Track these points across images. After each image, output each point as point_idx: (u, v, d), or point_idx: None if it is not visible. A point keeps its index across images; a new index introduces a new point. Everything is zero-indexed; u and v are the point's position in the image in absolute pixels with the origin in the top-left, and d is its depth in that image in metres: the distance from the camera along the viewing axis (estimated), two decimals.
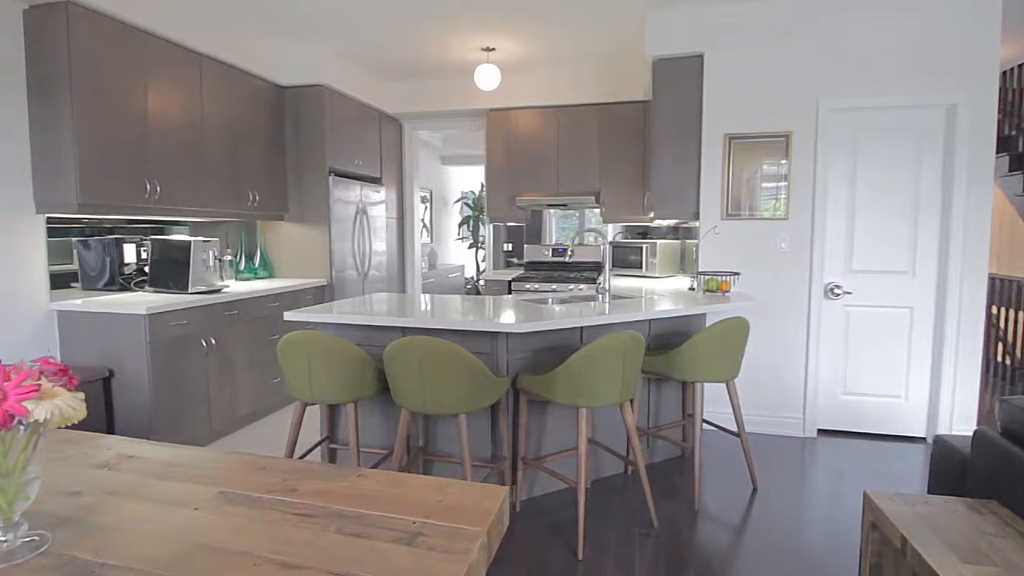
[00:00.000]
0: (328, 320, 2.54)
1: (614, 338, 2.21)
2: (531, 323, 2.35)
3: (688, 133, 3.66)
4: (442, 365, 2.10)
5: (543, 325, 2.37)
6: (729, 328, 2.61)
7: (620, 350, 2.22)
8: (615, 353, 2.21)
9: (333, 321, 2.53)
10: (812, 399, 3.56)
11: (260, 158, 4.17)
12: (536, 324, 2.35)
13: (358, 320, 2.50)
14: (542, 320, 2.40)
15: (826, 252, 3.52)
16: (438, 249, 8.61)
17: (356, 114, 4.83)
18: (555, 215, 7.35)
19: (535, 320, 2.39)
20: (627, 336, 2.22)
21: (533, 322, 2.36)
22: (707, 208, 3.62)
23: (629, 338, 2.23)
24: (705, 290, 3.42)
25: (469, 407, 2.16)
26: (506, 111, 5.12)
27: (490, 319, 2.43)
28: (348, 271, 4.67)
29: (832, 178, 3.48)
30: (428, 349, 2.09)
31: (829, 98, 3.39)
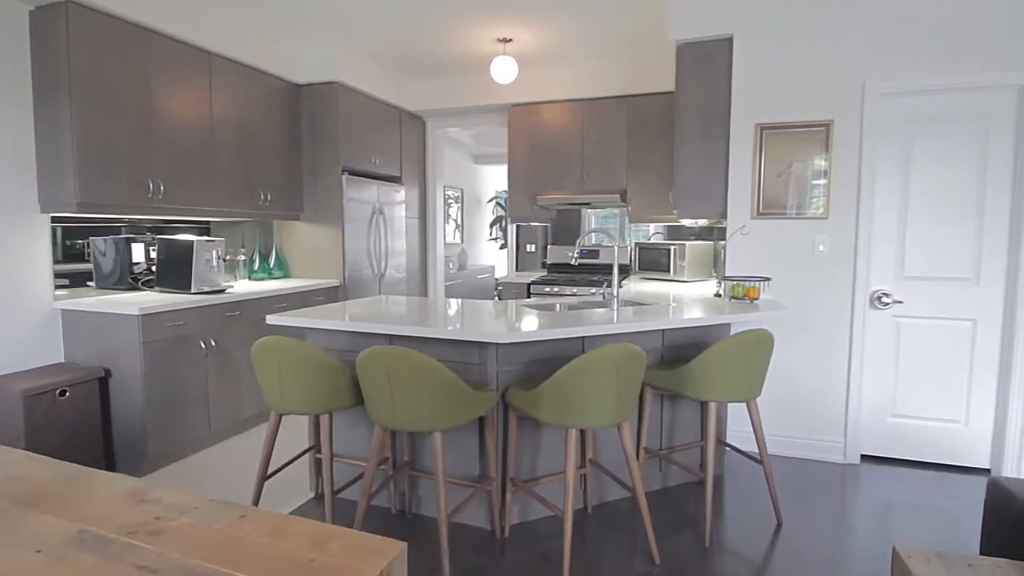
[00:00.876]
0: (306, 324, 2.41)
1: (606, 351, 1.96)
2: (518, 333, 2.13)
3: (716, 124, 3.34)
4: (413, 379, 1.91)
5: (532, 335, 2.15)
6: (749, 341, 2.30)
7: (612, 364, 1.97)
8: (607, 367, 1.97)
9: (311, 326, 2.40)
10: (855, 421, 3.17)
11: (274, 157, 4.12)
12: (523, 334, 2.13)
13: (335, 325, 2.36)
14: (534, 330, 2.18)
15: (873, 256, 3.13)
16: (470, 249, 8.48)
17: (374, 112, 4.74)
18: (593, 214, 7.08)
19: (524, 330, 2.17)
20: (621, 348, 1.97)
21: (520, 332, 2.14)
22: (736, 206, 3.29)
23: (623, 351, 1.98)
24: (731, 297, 3.10)
25: (444, 424, 1.97)
26: (528, 106, 4.91)
27: (477, 328, 2.23)
28: (363, 272, 4.58)
29: (881, 172, 3.08)
30: (397, 361, 1.91)
31: (877, 80, 3.00)
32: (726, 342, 2.29)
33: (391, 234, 4.95)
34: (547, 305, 3.05)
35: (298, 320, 2.43)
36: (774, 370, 3.29)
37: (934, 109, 2.98)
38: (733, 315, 2.62)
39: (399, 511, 2.58)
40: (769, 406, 3.31)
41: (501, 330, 2.17)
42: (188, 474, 2.96)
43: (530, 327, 2.23)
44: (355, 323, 2.33)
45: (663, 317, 2.50)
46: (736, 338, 2.30)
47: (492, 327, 2.23)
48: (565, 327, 2.24)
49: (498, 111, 5.21)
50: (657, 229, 6.76)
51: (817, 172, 3.13)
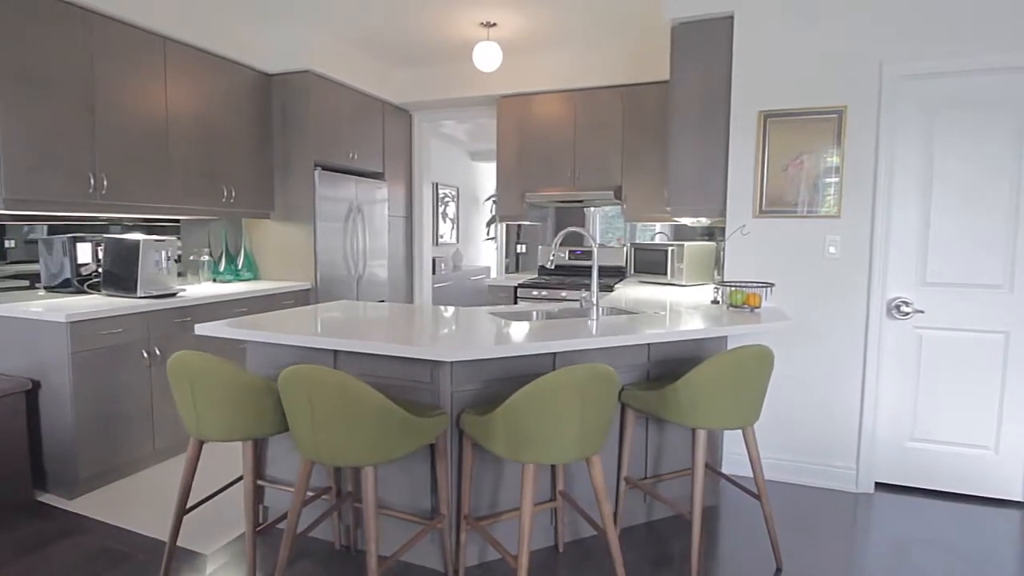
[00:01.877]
0: (234, 336, 2.11)
1: (570, 373, 1.65)
2: (470, 350, 1.82)
3: (714, 112, 3.00)
4: (336, 405, 1.61)
5: (487, 352, 1.84)
6: (744, 359, 1.97)
7: (576, 388, 1.65)
8: (569, 392, 1.65)
9: (240, 337, 2.10)
10: (869, 445, 2.82)
11: (241, 151, 3.85)
12: (477, 351, 1.82)
13: (265, 337, 2.06)
14: (491, 346, 1.87)
15: (890, 259, 2.77)
16: (466, 250, 8.18)
17: (352, 103, 4.45)
18: (598, 213, 6.75)
19: (480, 347, 1.86)
20: (587, 370, 1.65)
21: (474, 349, 1.83)
22: (736, 203, 2.95)
23: (589, 372, 1.66)
24: (729, 304, 2.76)
25: (376, 458, 1.66)
26: (518, 97, 4.59)
27: (426, 342, 1.92)
28: (339, 274, 4.29)
29: (900, 164, 2.73)
30: (318, 383, 1.61)
31: (897, 61, 2.65)
32: (717, 360, 1.96)
33: (371, 233, 4.66)
34: (522, 313, 2.74)
35: (227, 331, 2.14)
36: (777, 387, 2.95)
37: (961, 93, 2.62)
38: (730, 326, 2.29)
39: (344, 547, 2.28)
40: (771, 427, 2.97)
41: (453, 346, 1.86)
42: (124, 498, 2.68)
43: (488, 343, 1.91)
44: (289, 336, 2.03)
45: (648, 328, 2.17)
46: (729, 355, 1.97)
47: (444, 342, 1.92)
48: (529, 342, 1.92)
49: (487, 103, 4.90)
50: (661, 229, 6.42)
51: (828, 165, 2.78)
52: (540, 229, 5.79)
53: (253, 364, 2.33)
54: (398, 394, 2.09)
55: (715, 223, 4.31)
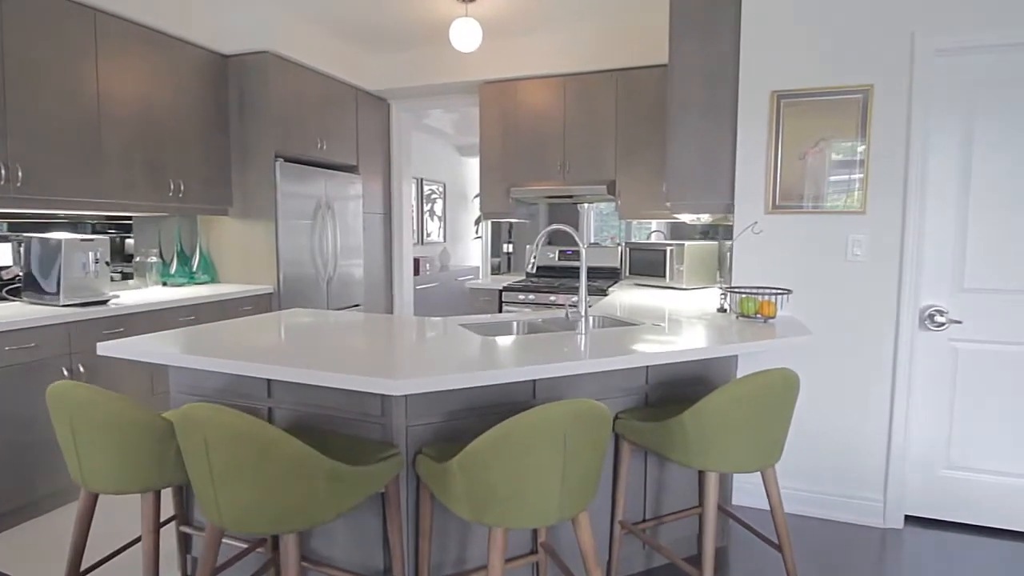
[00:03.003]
0: (139, 358, 1.73)
1: (549, 413, 1.27)
2: (426, 379, 1.44)
3: (720, 94, 2.63)
4: (242, 457, 1.23)
5: (446, 382, 1.46)
6: (766, 387, 1.60)
7: (556, 434, 1.28)
8: (548, 439, 1.28)
9: (148, 360, 1.72)
10: (898, 474, 2.46)
11: (193, 141, 3.45)
12: (433, 381, 1.45)
13: (175, 361, 1.68)
14: (453, 375, 1.49)
15: (924, 262, 2.42)
16: (453, 249, 7.80)
17: (320, 90, 4.06)
18: (594, 209, 6.38)
19: (437, 375, 1.48)
20: (572, 409, 1.28)
21: (430, 379, 1.45)
22: (745, 197, 2.59)
23: (575, 412, 1.29)
24: (739, 314, 2.40)
25: (297, 524, 1.28)
26: (502, 83, 4.21)
27: (374, 367, 1.54)
28: (306, 276, 3.91)
29: (935, 153, 2.37)
30: (216, 428, 1.23)
31: (931, 32, 2.29)
32: (734, 388, 1.60)
33: (343, 232, 4.27)
34: (501, 325, 2.37)
35: (127, 350, 1.75)
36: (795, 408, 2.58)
37: (1011, 71, 2.26)
38: (744, 343, 1.92)
39: None
40: (785, 452, 2.61)
41: (407, 373, 1.48)
42: (40, 539, 2.29)
43: (451, 369, 1.54)
44: (207, 359, 1.65)
45: (647, 346, 1.80)
46: (748, 382, 1.60)
47: (398, 367, 1.55)
48: (503, 368, 1.55)
49: (469, 90, 4.52)
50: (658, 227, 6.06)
51: (852, 153, 2.42)
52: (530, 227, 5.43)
53: (176, 392, 1.94)
54: (344, 429, 1.71)
55: (718, 220, 3.96)
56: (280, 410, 1.79)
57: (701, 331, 2.11)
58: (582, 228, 6.61)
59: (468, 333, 2.03)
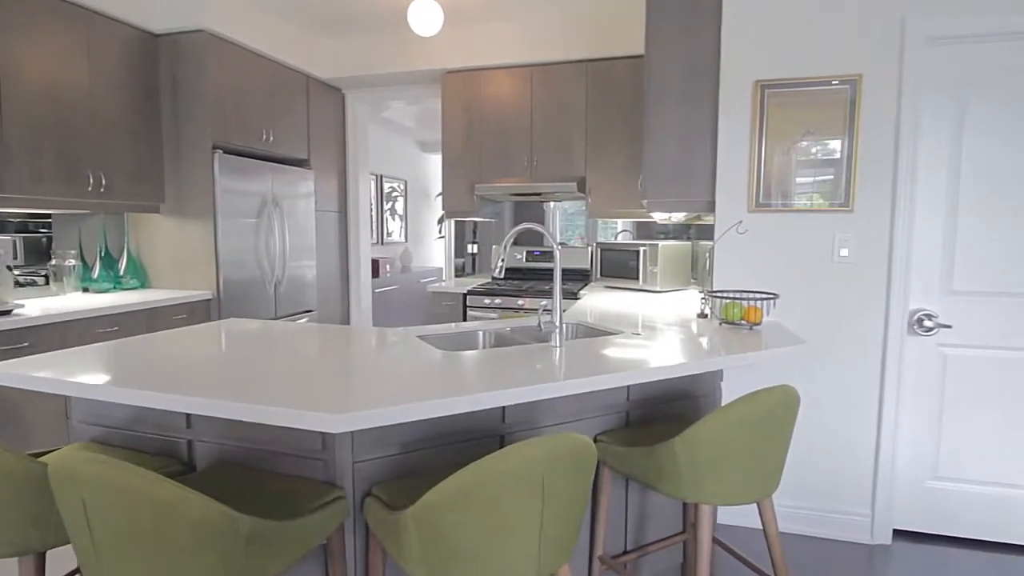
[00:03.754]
0: (24, 385, 1.41)
1: (519, 455, 1.04)
2: (371, 412, 1.19)
3: (700, 85, 2.45)
4: (130, 523, 0.95)
5: (396, 414, 1.21)
6: (766, 411, 1.41)
7: (532, 481, 1.05)
8: (522, 489, 1.04)
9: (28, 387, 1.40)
10: (886, 487, 2.34)
11: (115, 129, 3.07)
12: (380, 413, 1.19)
13: (59, 389, 1.37)
14: (404, 406, 1.24)
15: (913, 263, 2.29)
16: (415, 249, 7.49)
17: (266, 75, 3.72)
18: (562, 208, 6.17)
19: (389, 404, 1.23)
20: (545, 453, 1.05)
21: (378, 409, 1.20)
22: (727, 195, 2.41)
23: (549, 457, 1.06)
24: (722, 320, 2.22)
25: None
26: (465, 72, 3.96)
27: (310, 396, 1.28)
28: (251, 280, 3.56)
29: (925, 148, 2.25)
30: (98, 487, 0.95)
31: (923, 18, 2.16)
32: (729, 413, 1.40)
33: (293, 231, 3.94)
34: (463, 337, 2.12)
35: (11, 377, 1.43)
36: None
37: (1004, 62, 2.15)
38: (733, 355, 1.73)
39: None
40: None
41: (350, 402, 1.22)
42: None
43: (404, 395, 1.29)
44: (108, 389, 1.34)
45: (631, 359, 1.59)
46: (745, 405, 1.40)
47: (339, 395, 1.28)
48: (465, 393, 1.31)
49: (430, 80, 4.25)
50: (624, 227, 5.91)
51: (839, 147, 2.27)
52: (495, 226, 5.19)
53: (77, 422, 1.63)
54: (279, 466, 1.44)
55: (691, 219, 3.81)
56: (202, 444, 1.51)
57: (685, 341, 1.91)
58: (549, 228, 6.40)
59: (428, 348, 1.78)
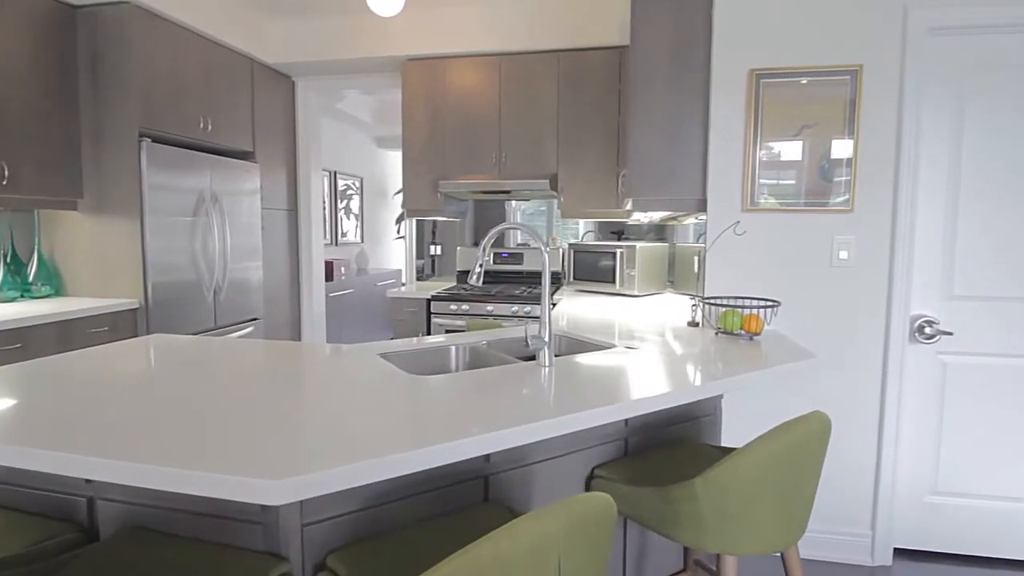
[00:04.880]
0: None
1: (527, 538, 0.78)
2: (320, 475, 0.90)
3: (689, 76, 2.26)
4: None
5: (355, 475, 0.93)
6: (801, 443, 1.21)
7: (547, 562, 0.79)
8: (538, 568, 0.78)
9: None
10: (887, 503, 2.20)
11: (22, 113, 2.64)
12: (335, 476, 0.91)
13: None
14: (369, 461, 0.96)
15: (914, 266, 2.16)
16: (372, 251, 7.11)
17: (204, 57, 3.32)
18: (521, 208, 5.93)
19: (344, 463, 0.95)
20: (560, 527, 0.80)
21: (329, 470, 0.91)
22: (719, 194, 2.23)
23: (564, 529, 0.80)
24: (719, 329, 2.03)
25: None
26: (428, 60, 3.67)
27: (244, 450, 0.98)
28: (185, 284, 3.16)
29: (925, 144, 2.12)
30: None
31: (925, 6, 2.02)
32: (760, 450, 1.18)
33: (236, 231, 3.55)
34: (432, 354, 1.85)
35: None
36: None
37: (1009, 55, 2.03)
38: (745, 374, 1.53)
39: None
40: None
41: (295, 458, 0.94)
42: None
43: (363, 448, 1.01)
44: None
45: (633, 384, 1.36)
46: (778, 440, 1.19)
47: (281, 448, 0.99)
48: (443, 440, 1.04)
49: (390, 67, 3.93)
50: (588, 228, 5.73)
51: (839, 142, 2.12)
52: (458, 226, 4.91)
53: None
54: (206, 533, 1.13)
55: (665, 219, 3.65)
56: (107, 504, 1.18)
57: (687, 357, 1.70)
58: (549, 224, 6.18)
59: (392, 370, 1.50)
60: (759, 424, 2.24)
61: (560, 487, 1.47)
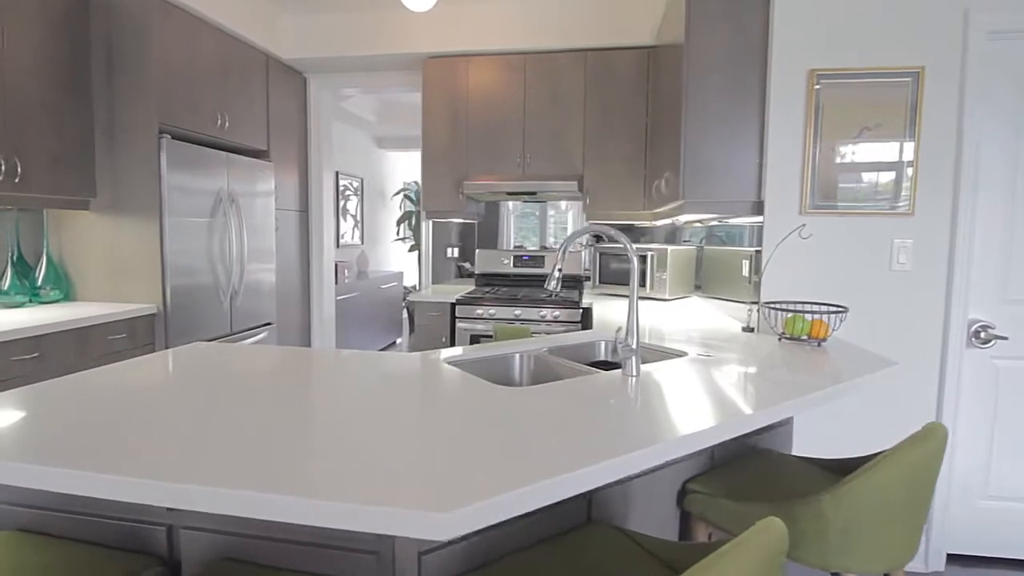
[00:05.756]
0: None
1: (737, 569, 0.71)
2: (483, 503, 0.82)
3: (743, 76, 2.21)
4: None
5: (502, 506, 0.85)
6: (928, 457, 1.16)
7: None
8: None
9: None
10: (941, 509, 2.18)
11: (35, 107, 2.48)
12: (494, 504, 0.83)
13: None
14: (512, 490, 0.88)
15: (972, 270, 2.15)
16: (371, 253, 6.97)
17: (220, 50, 3.19)
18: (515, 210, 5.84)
19: (495, 490, 0.87)
20: (762, 557, 0.73)
21: (488, 499, 0.83)
22: (777, 196, 2.19)
23: (763, 559, 0.74)
24: (782, 335, 1.99)
25: None
26: (451, 59, 3.58)
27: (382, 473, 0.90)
28: (202, 288, 3.02)
29: (986, 148, 2.11)
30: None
31: (986, 10, 2.01)
32: (895, 464, 1.13)
33: (252, 232, 3.41)
34: (498, 360, 1.77)
35: None
36: (824, 439, 2.23)
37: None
38: (841, 384, 1.48)
39: None
40: None
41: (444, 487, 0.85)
42: None
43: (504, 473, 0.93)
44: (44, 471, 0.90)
45: (718, 391, 1.30)
46: (908, 455, 1.14)
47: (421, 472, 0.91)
48: (602, 460, 0.96)
49: (408, 66, 3.83)
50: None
51: (899, 145, 2.09)
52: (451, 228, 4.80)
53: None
54: (307, 565, 1.04)
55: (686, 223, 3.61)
56: (190, 534, 1.08)
57: (766, 365, 1.65)
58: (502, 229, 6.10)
59: (480, 383, 1.42)
60: (820, 429, 2.20)
61: (656, 502, 1.40)
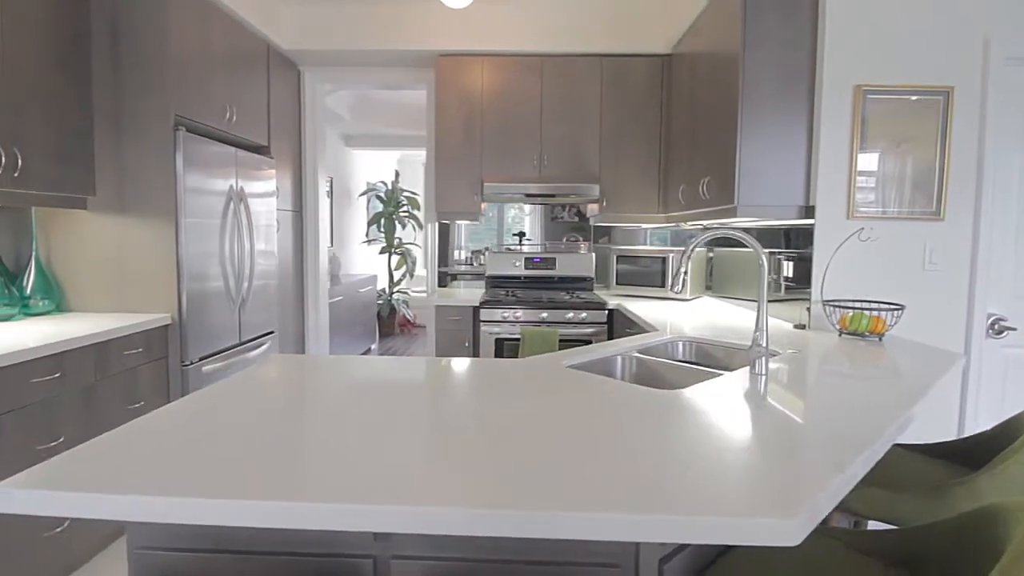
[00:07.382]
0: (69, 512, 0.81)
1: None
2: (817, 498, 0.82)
3: (792, 87, 2.34)
4: None
5: (839, 489, 0.86)
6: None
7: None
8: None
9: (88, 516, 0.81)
10: None
11: (32, 95, 2.19)
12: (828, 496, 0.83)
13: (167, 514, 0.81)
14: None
15: (992, 268, 2.38)
16: (340, 254, 6.69)
17: (227, 37, 2.96)
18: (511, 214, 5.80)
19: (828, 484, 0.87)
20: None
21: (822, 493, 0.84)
22: (826, 203, 2.32)
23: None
24: (843, 330, 2.12)
25: None
26: (464, 57, 3.52)
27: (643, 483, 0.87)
28: (212, 298, 2.78)
29: (1002, 156, 2.34)
30: None
31: (1004, 39, 2.24)
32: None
33: (259, 234, 3.18)
34: (603, 362, 1.76)
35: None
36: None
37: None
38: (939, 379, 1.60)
39: None
40: None
41: (786, 492, 0.85)
42: None
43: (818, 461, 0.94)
44: (249, 505, 0.81)
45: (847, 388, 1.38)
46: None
47: (743, 481, 0.90)
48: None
49: (416, 63, 3.73)
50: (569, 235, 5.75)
51: (932, 157, 2.29)
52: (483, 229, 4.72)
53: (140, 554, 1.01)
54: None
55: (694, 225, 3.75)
56: (402, 564, 1.00)
57: (851, 361, 1.75)
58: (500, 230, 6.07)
59: (630, 386, 1.41)
60: None
61: None
